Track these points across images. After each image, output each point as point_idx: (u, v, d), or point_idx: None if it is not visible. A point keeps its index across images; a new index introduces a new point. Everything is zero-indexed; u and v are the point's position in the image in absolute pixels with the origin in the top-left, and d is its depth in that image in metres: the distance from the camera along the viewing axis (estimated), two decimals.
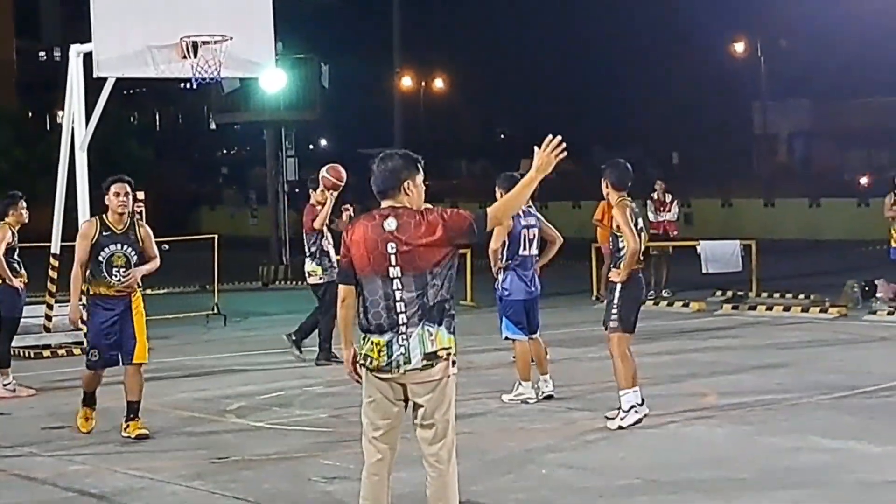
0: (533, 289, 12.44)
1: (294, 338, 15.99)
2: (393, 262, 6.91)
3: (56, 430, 11.70)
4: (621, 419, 10.83)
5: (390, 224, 6.95)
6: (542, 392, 12.49)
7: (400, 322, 6.90)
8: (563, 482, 9.18)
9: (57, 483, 9.63)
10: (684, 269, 22.66)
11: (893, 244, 19.88)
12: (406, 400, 7.04)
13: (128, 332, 10.98)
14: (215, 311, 20.76)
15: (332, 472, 9.59)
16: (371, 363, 6.96)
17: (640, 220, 11.14)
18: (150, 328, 18.47)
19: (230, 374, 15.10)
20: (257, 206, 51.58)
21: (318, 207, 15.47)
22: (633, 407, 10.87)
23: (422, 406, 6.99)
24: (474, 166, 70.12)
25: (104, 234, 10.96)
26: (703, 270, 21.80)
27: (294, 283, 28.67)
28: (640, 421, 10.83)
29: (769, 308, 19.95)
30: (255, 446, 10.75)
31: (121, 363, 11.03)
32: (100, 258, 10.91)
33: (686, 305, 20.85)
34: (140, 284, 11.14)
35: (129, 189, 11.07)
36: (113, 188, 11.00)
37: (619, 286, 10.96)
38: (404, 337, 6.90)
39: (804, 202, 41.67)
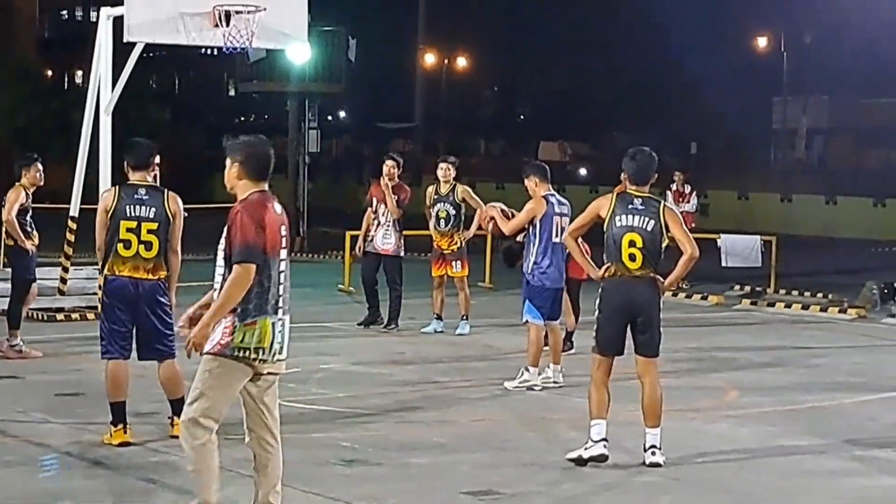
0: (562, 277, 12.39)
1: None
2: (284, 245, 7.15)
3: (70, 397, 11.59)
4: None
5: (279, 207, 7.22)
6: (550, 381, 12.36)
7: (281, 306, 7.10)
8: (584, 475, 9.06)
9: (70, 451, 9.52)
10: (702, 262, 22.38)
11: None
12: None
13: None
14: None
15: (351, 454, 9.47)
16: (258, 353, 7.02)
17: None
18: None
19: None
20: (273, 175, 51.41)
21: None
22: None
23: (266, 394, 7.25)
24: (493, 146, 69.93)
25: None
26: (723, 264, 21.64)
27: (311, 255, 28.57)
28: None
29: (788, 305, 19.81)
30: None
31: None
32: None
33: (704, 298, 20.69)
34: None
35: None
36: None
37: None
38: (282, 323, 7.09)
39: (821, 199, 41.49)
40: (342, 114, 72.20)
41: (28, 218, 13.79)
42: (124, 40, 15.49)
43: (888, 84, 56.01)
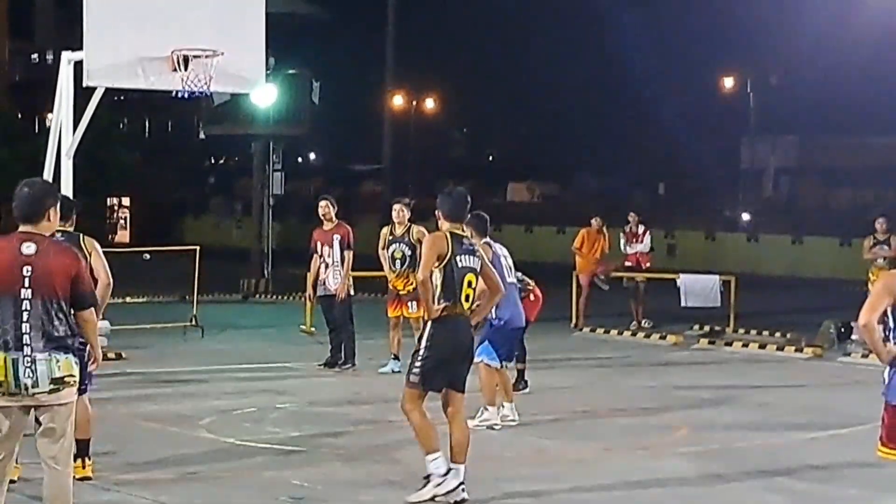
0: (522, 316, 12.57)
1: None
2: (25, 285, 7.29)
3: (27, 437, 11.64)
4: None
5: (29, 248, 7.34)
6: (508, 419, 12.52)
7: (26, 343, 7.30)
8: None
9: (24, 491, 9.59)
10: (665, 301, 22.71)
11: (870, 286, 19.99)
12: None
13: None
14: (193, 322, 20.73)
15: (300, 492, 9.61)
16: None
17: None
18: (127, 337, 18.69)
19: (204, 387, 15.09)
20: (242, 216, 51.64)
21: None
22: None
23: (46, 418, 7.47)
24: (462, 187, 70.10)
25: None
26: (682, 304, 21.87)
27: (274, 296, 28.70)
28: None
29: (745, 345, 19.99)
30: (224, 462, 10.76)
31: None
32: None
33: (663, 338, 20.88)
34: None
35: None
36: None
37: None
38: (29, 360, 7.30)
39: (787, 239, 41.79)
40: (312, 156, 72.50)
41: None
42: (84, 84, 15.63)
43: (855, 124, 56.65)
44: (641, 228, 22.97)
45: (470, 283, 9.23)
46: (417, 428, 9.27)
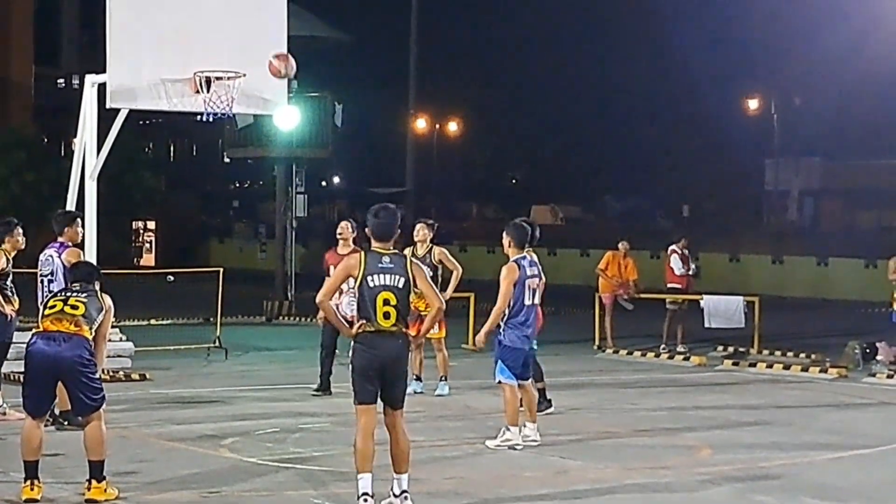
0: (532, 337, 12.56)
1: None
2: None
3: (49, 458, 11.69)
4: None
5: None
6: (529, 440, 12.50)
7: None
8: None
9: None
10: (689, 323, 22.64)
11: (895, 307, 19.90)
12: None
13: None
14: (217, 344, 20.79)
15: None
16: None
17: None
18: (151, 358, 18.76)
19: (227, 407, 15.11)
20: (267, 240, 51.78)
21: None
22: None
23: None
24: (485, 209, 70.32)
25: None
26: (706, 325, 21.83)
27: (298, 318, 28.74)
28: None
29: (769, 366, 19.91)
30: (247, 482, 10.76)
31: None
32: None
33: (687, 359, 20.83)
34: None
35: None
36: None
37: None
38: None
39: (812, 260, 41.66)
40: (336, 179, 72.73)
41: (8, 282, 13.85)
42: (107, 107, 15.73)
43: (878, 145, 56.50)
44: (686, 251, 23.04)
45: (387, 301, 9.38)
46: (355, 446, 9.60)
